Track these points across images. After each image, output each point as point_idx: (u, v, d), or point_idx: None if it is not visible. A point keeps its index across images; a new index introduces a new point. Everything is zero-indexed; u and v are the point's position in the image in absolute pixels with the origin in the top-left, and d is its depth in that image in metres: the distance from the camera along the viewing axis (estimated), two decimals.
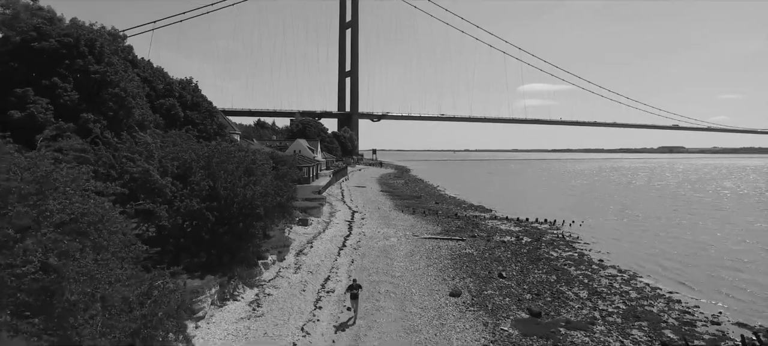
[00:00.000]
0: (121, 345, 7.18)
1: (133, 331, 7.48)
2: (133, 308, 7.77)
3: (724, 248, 36.73)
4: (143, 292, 8.24)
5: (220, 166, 18.82)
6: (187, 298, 10.10)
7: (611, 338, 18.24)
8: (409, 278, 24.51)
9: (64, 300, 6.53)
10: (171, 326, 8.40)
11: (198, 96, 39.57)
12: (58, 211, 7.44)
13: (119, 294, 7.32)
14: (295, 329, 15.99)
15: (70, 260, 6.87)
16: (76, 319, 6.61)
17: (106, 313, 7.10)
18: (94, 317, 6.88)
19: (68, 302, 6.56)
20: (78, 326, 6.59)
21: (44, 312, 6.45)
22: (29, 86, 22.29)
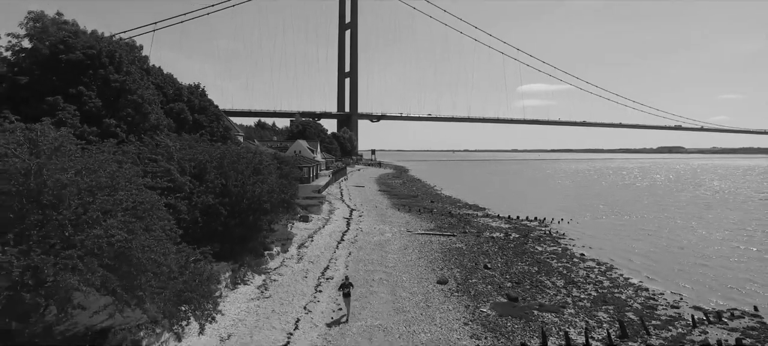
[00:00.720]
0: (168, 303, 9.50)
1: (178, 291, 9.81)
2: (175, 277, 10.08)
3: (697, 243, 39.09)
4: (182, 264, 10.55)
5: (231, 166, 21.20)
6: (213, 273, 12.42)
7: (578, 318, 20.58)
8: (401, 268, 26.89)
9: (133, 264, 8.86)
10: (204, 292, 10.73)
11: (205, 100, 42.01)
12: (125, 200, 9.84)
13: (170, 263, 9.67)
14: (299, 307, 18.39)
15: (135, 235, 9.21)
16: (140, 278, 8.94)
17: (160, 276, 9.43)
18: (153, 278, 9.20)
19: (135, 265, 8.89)
20: (142, 284, 8.92)
21: (120, 271, 8.76)
22: (58, 94, 24.66)
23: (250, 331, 15.62)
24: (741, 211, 60.23)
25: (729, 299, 24.43)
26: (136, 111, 27.35)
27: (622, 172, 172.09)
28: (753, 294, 25.09)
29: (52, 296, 7.76)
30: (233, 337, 14.95)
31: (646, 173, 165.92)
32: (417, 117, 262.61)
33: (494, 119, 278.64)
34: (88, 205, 8.91)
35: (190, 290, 10.15)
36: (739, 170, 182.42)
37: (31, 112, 22.57)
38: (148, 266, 9.02)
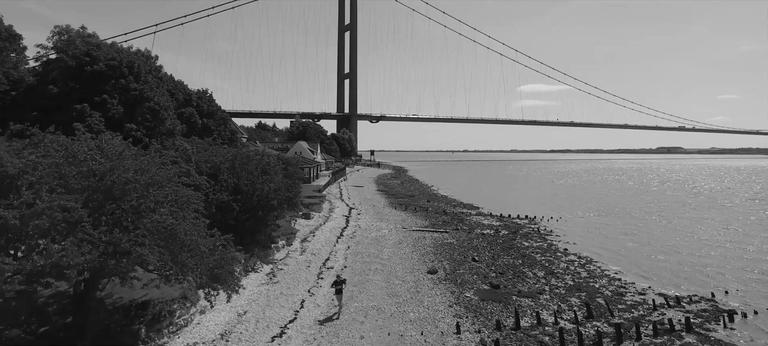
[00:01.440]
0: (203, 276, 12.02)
1: (210, 267, 12.31)
2: (208, 256, 12.56)
3: (672, 239, 41.64)
4: (211, 247, 13.03)
5: (242, 167, 23.72)
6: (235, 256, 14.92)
7: (552, 303, 23.11)
8: (396, 260, 29.44)
9: (178, 242, 11.36)
10: (230, 269, 13.24)
11: (213, 105, 44.69)
12: (170, 194, 12.38)
13: (204, 244, 12.19)
14: (304, 291, 20.93)
15: (179, 221, 11.71)
16: (183, 255, 11.42)
17: (197, 254, 11.92)
18: (193, 255, 11.68)
19: (180, 244, 11.38)
20: (185, 260, 11.40)
21: (169, 248, 11.23)
22: (85, 102, 27.20)
23: (262, 308, 18.18)
24: (719, 210, 62.80)
25: (692, 287, 26.92)
26: (153, 117, 29.94)
27: (616, 172, 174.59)
28: (714, 283, 27.58)
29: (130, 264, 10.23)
30: (248, 313, 17.50)
31: (638, 173, 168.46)
32: (416, 118, 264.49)
33: (493, 120, 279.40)
34: (145, 197, 11.41)
35: (219, 267, 12.65)
36: (730, 171, 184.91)
37: (62, 119, 25.13)
38: (190, 244, 11.52)
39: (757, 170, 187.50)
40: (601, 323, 20.45)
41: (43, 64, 31.12)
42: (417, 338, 17.17)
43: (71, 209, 9.28)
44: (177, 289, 15.71)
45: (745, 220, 53.39)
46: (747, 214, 58.43)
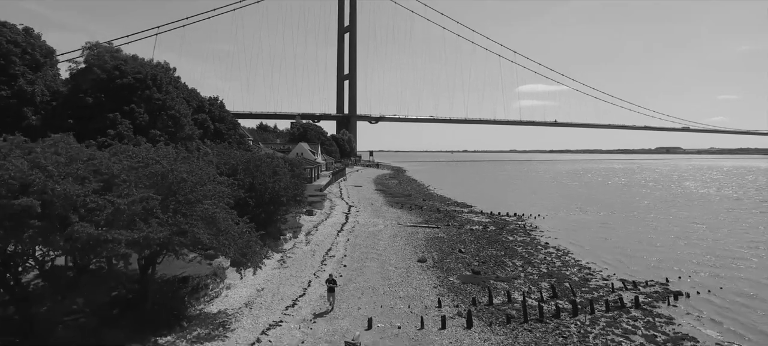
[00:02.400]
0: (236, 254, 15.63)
1: (241, 247, 15.86)
2: (238, 239, 16.11)
3: (645, 234, 45.28)
4: (241, 232, 16.57)
5: (256, 168, 27.34)
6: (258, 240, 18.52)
7: (525, 286, 26.73)
8: (390, 251, 33.08)
9: (218, 226, 14.93)
10: (255, 249, 16.82)
11: (223, 111, 48.45)
12: (211, 189, 15.99)
13: (236, 229, 15.77)
14: (310, 274, 24.59)
15: (218, 210, 15.29)
16: (221, 236, 14.98)
17: (231, 236, 15.47)
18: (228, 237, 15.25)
19: (219, 227, 14.95)
20: (223, 241, 14.96)
21: (211, 230, 14.76)
22: (115, 111, 30.85)
23: (276, 286, 21.81)
24: (692, 208, 66.50)
25: (651, 274, 30.43)
26: (174, 123, 33.58)
27: (609, 173, 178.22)
28: (671, 271, 31.13)
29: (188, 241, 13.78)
30: (265, 289, 21.14)
31: (630, 173, 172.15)
32: (415, 119, 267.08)
33: (491, 121, 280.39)
34: (194, 192, 14.93)
35: (247, 247, 16.21)
36: (720, 171, 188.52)
37: (96, 126, 28.78)
38: (226, 229, 15.07)
39: (747, 170, 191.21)
40: (563, 302, 24.04)
41: (73, 76, 34.74)
42: (404, 309, 20.81)
43: (149, 200, 12.80)
44: (207, 268, 19.35)
45: (712, 217, 57.06)
46: (716, 212, 62.11)
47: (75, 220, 10.69)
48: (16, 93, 30.46)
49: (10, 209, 9.87)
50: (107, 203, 11.55)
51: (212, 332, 15.88)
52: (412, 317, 19.89)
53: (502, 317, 21.13)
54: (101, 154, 13.59)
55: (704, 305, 24.42)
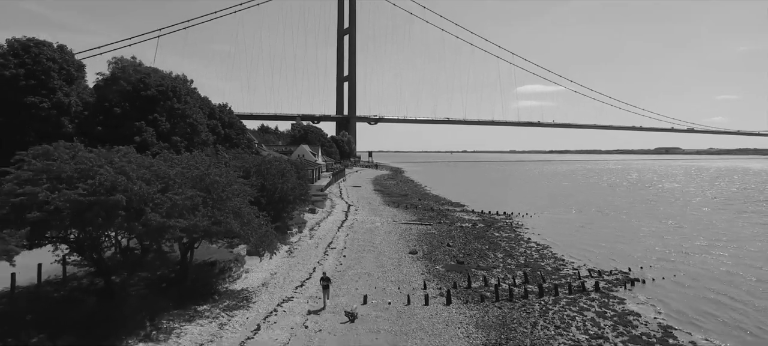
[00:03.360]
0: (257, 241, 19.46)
1: (260, 236, 19.69)
2: (257, 229, 19.91)
3: (621, 230, 49.17)
4: (260, 223, 20.39)
5: (266, 170, 31.23)
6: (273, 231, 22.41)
7: (501, 274, 30.58)
8: (385, 244, 36.98)
9: (243, 217, 18.75)
10: (271, 238, 20.70)
11: (232, 118, 52.43)
12: (237, 188, 19.86)
13: (257, 221, 19.55)
14: (315, 262, 28.51)
15: (243, 205, 19.12)
16: (246, 227, 18.81)
17: (253, 227, 19.31)
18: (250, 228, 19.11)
19: (244, 219, 18.78)
20: (248, 231, 18.79)
21: (238, 219, 18.55)
22: (141, 120, 34.75)
23: (286, 271, 25.72)
24: (670, 207, 70.47)
25: (617, 264, 34.26)
26: (192, 130, 37.48)
27: (603, 173, 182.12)
28: (634, 262, 34.87)
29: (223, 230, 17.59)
30: (278, 273, 25.04)
31: (623, 174, 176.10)
32: (414, 120, 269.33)
33: (490, 122, 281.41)
34: (225, 191, 18.78)
35: (265, 236, 20.04)
36: (708, 172, 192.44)
37: (124, 133, 32.67)
38: (249, 220, 18.92)
39: (734, 171, 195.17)
40: (532, 286, 27.90)
41: (97, 87, 38.68)
42: (394, 290, 24.71)
43: (195, 197, 16.60)
44: (230, 255, 23.26)
45: (684, 215, 60.97)
46: (690, 211, 66.04)
47: (148, 211, 14.51)
48: (55, 104, 34.38)
49: (106, 203, 13.63)
50: (167, 199, 15.35)
51: (238, 303, 19.79)
52: (400, 296, 23.78)
53: (477, 297, 24.97)
54: (158, 162, 17.43)
55: (655, 290, 28.22)
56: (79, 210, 13.50)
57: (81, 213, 13.59)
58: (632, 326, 21.98)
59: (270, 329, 17.88)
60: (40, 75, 33.70)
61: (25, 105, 32.95)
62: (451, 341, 18.72)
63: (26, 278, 16.95)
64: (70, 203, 13.27)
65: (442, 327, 20.06)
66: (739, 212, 65.12)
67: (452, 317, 21.59)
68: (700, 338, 20.82)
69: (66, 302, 15.95)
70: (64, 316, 14.48)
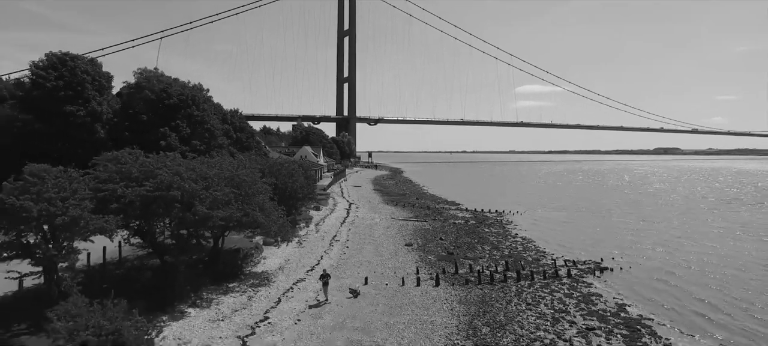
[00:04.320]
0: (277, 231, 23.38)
1: (279, 226, 23.62)
2: (277, 221, 23.86)
3: (601, 226, 53.18)
4: (279, 215, 24.33)
5: (278, 170, 35.26)
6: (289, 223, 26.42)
7: (486, 262, 34.57)
8: (383, 238, 41.00)
9: (266, 210, 22.66)
10: (288, 228, 24.65)
11: (243, 122, 56.44)
12: (260, 186, 23.87)
13: (276, 214, 23.47)
14: (322, 251, 32.56)
15: (265, 200, 23.05)
16: (267, 216, 22.76)
17: (273, 218, 23.25)
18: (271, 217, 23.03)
19: (266, 211, 22.73)
20: (269, 220, 22.71)
21: (262, 212, 22.45)
22: (165, 126, 38.75)
23: (298, 258, 29.78)
24: (656, 206, 74.52)
25: (592, 255, 38.16)
26: (209, 135, 41.46)
27: (596, 174, 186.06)
28: (607, 254, 38.79)
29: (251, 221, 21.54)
30: (291, 260, 29.10)
31: (616, 174, 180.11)
32: (413, 120, 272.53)
33: (489, 122, 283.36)
34: (251, 188, 22.74)
35: (283, 227, 23.99)
36: (700, 173, 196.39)
37: (151, 137, 36.67)
38: (270, 213, 22.89)
39: (725, 171, 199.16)
40: (512, 273, 31.88)
41: (120, 95, 42.73)
42: (391, 274, 28.73)
43: (228, 193, 20.54)
44: (250, 244, 27.32)
45: (665, 214, 64.98)
46: (670, 210, 70.11)
47: (197, 204, 18.46)
48: (89, 112, 38.34)
49: (166, 198, 17.58)
50: (210, 195, 19.33)
51: (261, 282, 23.84)
52: (396, 279, 27.81)
53: (462, 280, 28.98)
54: (199, 165, 21.44)
55: (620, 277, 32.18)
56: (147, 203, 17.47)
57: (148, 205, 17.56)
58: (593, 304, 25.95)
59: (288, 301, 21.93)
60: (77, 86, 37.70)
61: (63, 113, 36.97)
62: (438, 313, 22.72)
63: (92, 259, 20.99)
64: (140, 197, 17.24)
65: (430, 302, 24.08)
66: (711, 210, 69.20)
67: (439, 295, 25.60)
68: (647, 313, 24.79)
69: (126, 277, 19.96)
70: (129, 287, 18.44)
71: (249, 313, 19.86)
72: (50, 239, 14.73)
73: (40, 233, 14.64)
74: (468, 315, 22.75)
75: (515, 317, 23.14)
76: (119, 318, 12.62)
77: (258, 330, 18.19)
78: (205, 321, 18.17)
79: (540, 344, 19.91)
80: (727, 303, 26.64)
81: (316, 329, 19.10)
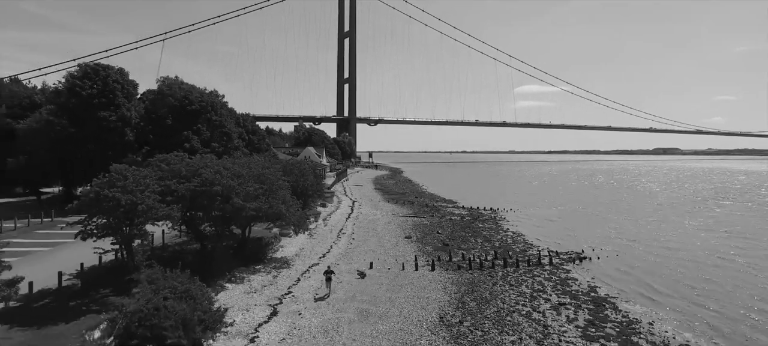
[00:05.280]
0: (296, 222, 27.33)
1: (298, 218, 27.55)
2: (296, 213, 27.78)
3: (586, 220, 57.18)
4: (297, 208, 28.25)
5: (291, 170, 39.30)
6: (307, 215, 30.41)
7: (478, 252, 38.57)
8: (385, 232, 45.04)
9: (288, 203, 26.62)
10: (306, 220, 28.57)
11: (254, 125, 60.49)
12: (282, 183, 27.84)
13: (295, 207, 27.44)
14: (331, 242, 36.62)
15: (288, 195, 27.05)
16: (288, 209, 26.71)
17: (293, 210, 27.18)
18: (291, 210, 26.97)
19: (287, 204, 26.68)
20: (290, 212, 26.68)
21: (285, 205, 26.39)
22: (188, 130, 42.78)
23: (311, 248, 33.84)
24: (642, 204, 78.50)
25: (574, 247, 42.13)
26: (227, 138, 45.48)
27: (591, 173, 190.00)
28: (588, 246, 42.82)
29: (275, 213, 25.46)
30: (305, 248, 33.17)
31: (610, 174, 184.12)
32: (413, 121, 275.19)
33: (488, 123, 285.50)
34: (275, 184, 26.70)
35: (301, 218, 28.00)
36: (692, 172, 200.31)
37: (175, 140, 40.67)
38: (290, 206, 26.88)
39: (718, 171, 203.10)
40: (500, 261, 35.88)
41: (142, 99, 46.75)
42: (393, 261, 32.79)
43: (257, 189, 24.50)
44: (269, 234, 31.40)
45: (647, 212, 69.01)
46: (655, 207, 74.12)
47: (233, 197, 22.45)
48: (120, 118, 42.34)
49: (210, 192, 21.57)
50: (243, 190, 23.35)
51: (282, 265, 27.90)
52: (397, 264, 31.87)
53: (455, 266, 33.04)
54: (231, 164, 25.48)
55: (597, 264, 36.11)
56: (194, 196, 21.48)
57: (195, 199, 21.58)
58: (568, 286, 29.96)
59: (306, 279, 26.00)
60: (109, 94, 41.65)
61: (96, 119, 40.93)
62: (433, 291, 26.77)
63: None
64: (189, 192, 21.25)
65: (426, 283, 28.15)
66: (691, 209, 73.24)
67: (435, 277, 29.66)
68: (613, 293, 28.75)
69: (172, 258, 23.98)
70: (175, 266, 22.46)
71: (275, 288, 23.93)
72: (128, 222, 18.72)
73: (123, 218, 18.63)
74: (458, 293, 26.79)
75: (499, 294, 27.15)
76: (186, 281, 16.69)
77: (284, 300, 22.27)
78: (242, 293, 22.23)
79: (517, 314, 23.93)
80: (682, 285, 30.76)
81: (332, 300, 23.17)
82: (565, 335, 21.36)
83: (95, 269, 20.54)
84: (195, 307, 15.66)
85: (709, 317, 24.59)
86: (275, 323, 19.54)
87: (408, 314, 22.49)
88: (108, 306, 16.66)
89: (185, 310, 15.05)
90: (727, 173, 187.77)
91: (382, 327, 20.43)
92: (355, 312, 21.97)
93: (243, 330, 18.43)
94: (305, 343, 18.02)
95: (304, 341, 18.23)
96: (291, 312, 21.07)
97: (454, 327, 21.46)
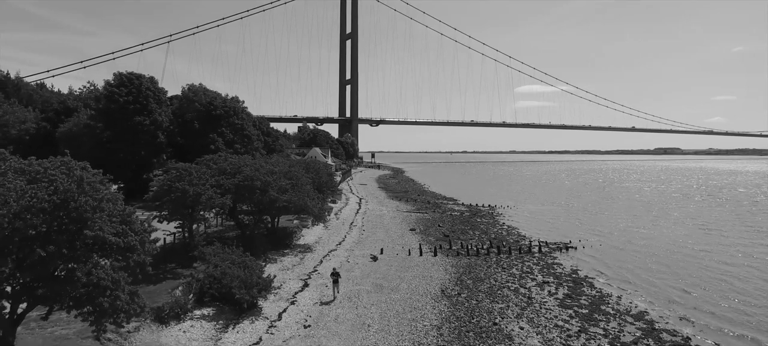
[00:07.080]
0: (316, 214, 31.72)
1: (318, 210, 31.97)
2: (317, 205, 32.21)
3: (576, 216, 61.61)
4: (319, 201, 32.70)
5: (307, 168, 43.82)
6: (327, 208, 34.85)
7: (476, 242, 43.03)
8: (392, 225, 49.55)
9: (311, 197, 31.04)
10: (325, 212, 33.00)
11: (268, 127, 65.05)
12: (305, 179, 32.34)
13: (315, 199, 31.90)
14: (344, 233, 41.18)
15: (311, 190, 31.47)
16: (312, 202, 31.13)
17: (314, 202, 31.62)
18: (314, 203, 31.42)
19: (311, 197, 31.09)
20: (313, 205, 31.16)
21: (309, 198, 30.82)
22: (213, 132, 47.30)
23: (328, 237, 38.40)
24: (631, 202, 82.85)
25: (563, 237, 46.49)
26: (247, 140, 50.00)
27: (588, 173, 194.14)
28: (576, 236, 47.20)
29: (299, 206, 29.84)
30: (323, 237, 37.73)
31: (606, 174, 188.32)
32: (414, 121, 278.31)
33: (488, 123, 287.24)
34: (298, 179, 31.11)
35: (321, 210, 32.42)
36: (686, 172, 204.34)
37: (201, 142, 45.20)
38: (313, 199, 31.27)
39: (711, 171, 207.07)
40: (495, 249, 40.31)
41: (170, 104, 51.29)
42: (399, 248, 37.32)
43: (287, 183, 28.92)
44: (292, 224, 35.96)
45: (635, 208, 73.33)
46: (643, 205, 78.43)
47: (270, 191, 26.91)
48: (153, 122, 46.87)
49: (250, 188, 26.02)
50: (277, 184, 27.83)
51: (305, 250, 32.44)
52: (404, 251, 36.41)
53: (454, 253, 37.54)
54: (264, 163, 30.02)
55: (582, 252, 40.44)
56: (237, 190, 25.98)
57: (238, 192, 26.07)
58: (553, 269, 34.41)
59: (328, 261, 30.56)
60: (142, 100, 46.14)
61: (131, 123, 45.43)
62: (435, 271, 31.28)
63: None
64: (234, 186, 25.74)
65: (430, 265, 32.68)
66: (675, 202, 77.61)
67: (437, 261, 34.18)
68: (592, 274, 33.15)
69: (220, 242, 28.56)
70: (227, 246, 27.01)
71: (303, 267, 28.50)
72: (191, 210, 23.22)
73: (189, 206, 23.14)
74: (457, 273, 31.30)
75: (492, 275, 31.65)
76: (241, 255, 21.24)
77: (313, 275, 26.87)
78: (277, 269, 26.77)
79: (507, 289, 28.41)
80: (650, 268, 35.16)
81: (351, 277, 27.72)
82: (545, 305, 25.84)
83: (162, 248, 25.04)
84: (251, 274, 20.17)
85: (669, 291, 29.06)
86: (308, 292, 24.12)
87: (415, 287, 27.02)
88: (178, 275, 21.16)
89: (245, 274, 19.57)
90: (713, 172, 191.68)
91: (395, 297, 24.96)
92: (371, 285, 26.50)
93: (284, 296, 22.98)
94: (334, 305, 22.55)
95: (333, 304, 22.76)
96: (319, 285, 25.63)
97: (453, 297, 25.97)
